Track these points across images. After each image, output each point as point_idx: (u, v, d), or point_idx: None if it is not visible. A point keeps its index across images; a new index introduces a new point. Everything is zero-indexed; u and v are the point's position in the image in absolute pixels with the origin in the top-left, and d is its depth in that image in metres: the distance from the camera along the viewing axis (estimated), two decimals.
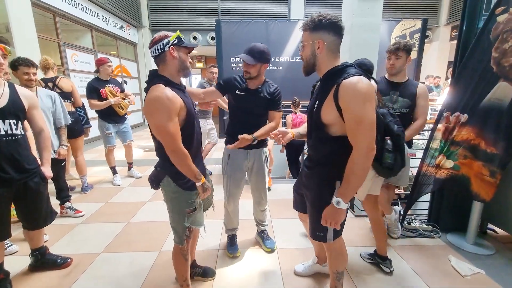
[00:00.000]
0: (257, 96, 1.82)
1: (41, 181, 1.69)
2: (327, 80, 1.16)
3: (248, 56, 1.70)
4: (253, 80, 1.80)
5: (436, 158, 2.12)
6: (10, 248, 2.06)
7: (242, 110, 1.87)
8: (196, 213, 1.43)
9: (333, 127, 1.17)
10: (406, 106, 1.97)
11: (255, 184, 2.02)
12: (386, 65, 2.01)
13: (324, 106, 1.14)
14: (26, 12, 3.98)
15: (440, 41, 8.62)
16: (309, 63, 1.20)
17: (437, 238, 2.28)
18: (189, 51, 1.33)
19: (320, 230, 1.31)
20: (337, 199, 1.14)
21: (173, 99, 1.20)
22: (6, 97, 1.52)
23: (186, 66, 1.31)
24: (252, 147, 1.88)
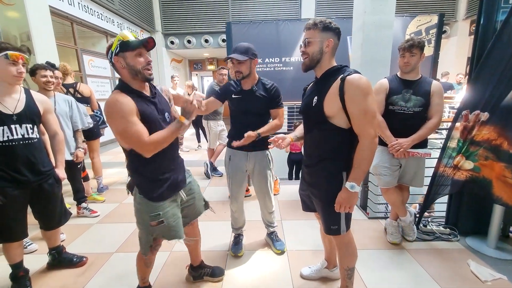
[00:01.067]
0: (253, 95, 1.82)
1: (55, 183, 1.75)
2: (327, 77, 1.27)
3: (236, 54, 1.72)
4: (246, 79, 1.80)
5: (454, 158, 2.03)
6: (30, 247, 2.15)
7: (241, 112, 1.88)
8: (166, 226, 1.35)
9: (334, 119, 1.24)
10: (420, 104, 1.90)
11: (258, 187, 2.01)
12: (400, 63, 1.95)
13: (327, 99, 1.23)
14: (45, 21, 4.15)
15: (458, 36, 8.27)
16: (314, 59, 1.27)
17: (456, 241, 2.18)
18: (139, 50, 1.20)
19: (334, 223, 1.34)
20: (351, 183, 1.21)
21: (124, 101, 1.16)
22: (23, 102, 1.60)
23: (138, 70, 1.20)
24: (253, 149, 1.87)
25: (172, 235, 1.38)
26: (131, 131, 1.16)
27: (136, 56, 1.20)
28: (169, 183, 1.36)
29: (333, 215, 1.32)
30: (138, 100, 1.22)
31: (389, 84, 1.98)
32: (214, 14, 8.25)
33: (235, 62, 1.74)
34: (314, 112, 1.30)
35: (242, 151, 1.88)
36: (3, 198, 1.51)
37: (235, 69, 1.76)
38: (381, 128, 1.98)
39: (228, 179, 2.00)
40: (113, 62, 1.21)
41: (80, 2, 5.20)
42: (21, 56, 1.51)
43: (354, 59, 3.99)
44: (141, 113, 1.20)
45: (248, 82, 1.83)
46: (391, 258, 1.99)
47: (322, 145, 1.31)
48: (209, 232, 2.40)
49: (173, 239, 1.39)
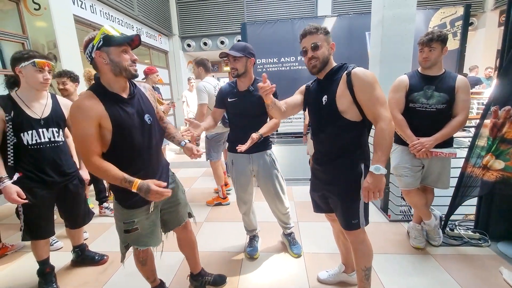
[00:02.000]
0: (250, 96, 1.79)
1: (80, 184, 1.83)
2: (331, 77, 1.34)
3: (232, 50, 1.71)
4: (243, 79, 1.78)
5: (483, 158, 1.89)
6: (56, 244, 2.26)
7: (239, 115, 1.85)
8: (140, 233, 1.30)
9: (346, 114, 1.29)
10: (443, 101, 1.79)
11: (264, 189, 1.96)
12: (419, 58, 1.86)
13: (338, 95, 1.28)
14: (70, 29, 4.37)
15: (486, 27, 7.76)
16: (325, 61, 1.33)
17: (486, 247, 2.03)
18: (124, 47, 1.13)
19: (354, 217, 1.34)
20: (376, 166, 1.20)
21: (86, 108, 1.09)
22: (49, 107, 1.68)
23: (123, 67, 1.13)
24: (254, 151, 1.84)
25: (144, 242, 1.34)
26: (83, 144, 1.12)
27: (122, 52, 1.13)
28: None
29: (353, 209, 1.33)
30: (112, 104, 1.14)
31: (409, 81, 1.88)
32: (229, 16, 8.32)
33: (231, 59, 1.73)
34: (326, 110, 1.34)
35: (244, 153, 1.84)
36: (32, 198, 1.59)
37: (230, 66, 1.75)
38: (401, 127, 1.88)
39: (233, 183, 1.99)
40: (93, 57, 1.11)
41: (101, 9, 5.42)
42: (47, 64, 1.58)
43: (373, 56, 3.85)
44: (112, 119, 1.13)
45: (244, 82, 1.80)
46: (415, 264, 1.89)
47: (338, 141, 1.34)
48: (223, 233, 2.41)
49: (146, 246, 1.35)
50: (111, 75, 1.14)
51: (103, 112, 1.12)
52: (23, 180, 1.57)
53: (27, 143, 1.57)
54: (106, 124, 1.13)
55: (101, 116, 1.12)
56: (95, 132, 1.11)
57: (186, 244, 1.63)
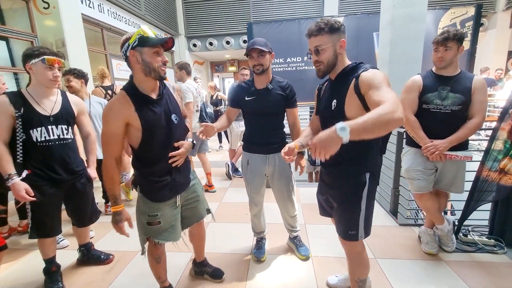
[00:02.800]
0: (268, 94, 1.74)
1: (87, 182, 1.81)
2: (343, 78, 1.20)
3: (257, 45, 1.64)
4: (262, 76, 1.72)
5: (500, 161, 1.82)
6: (62, 242, 2.25)
7: (256, 113, 1.79)
8: (161, 227, 1.36)
9: None
10: (458, 102, 1.73)
11: (278, 191, 1.92)
12: (434, 58, 1.79)
13: (347, 102, 1.16)
14: (78, 28, 4.39)
15: (497, 28, 7.62)
16: (330, 64, 1.21)
17: (502, 254, 1.96)
18: (157, 48, 1.17)
19: (352, 228, 1.26)
20: (343, 125, 0.91)
21: (115, 109, 1.18)
22: (59, 104, 1.67)
23: (153, 68, 1.18)
24: (271, 152, 1.81)
25: (165, 237, 1.39)
26: (106, 142, 1.22)
27: (154, 54, 1.18)
28: (169, 186, 1.35)
29: (352, 219, 1.25)
30: (142, 105, 1.21)
31: (423, 81, 1.82)
32: (235, 16, 8.31)
33: (255, 56, 1.66)
34: (334, 116, 1.20)
35: (260, 154, 1.82)
36: (40, 196, 1.57)
37: (255, 62, 1.67)
38: (413, 128, 1.83)
39: (246, 184, 1.94)
40: (128, 56, 1.17)
41: (109, 9, 5.45)
42: (57, 61, 1.57)
43: (382, 56, 3.79)
44: (142, 120, 1.20)
45: (263, 79, 1.75)
46: (428, 270, 1.83)
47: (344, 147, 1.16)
48: (230, 234, 2.37)
49: (166, 241, 1.40)
50: (142, 74, 1.20)
51: (133, 113, 1.20)
52: (32, 177, 1.55)
53: (36, 140, 1.56)
54: (135, 124, 1.20)
55: (130, 117, 1.19)
56: (119, 133, 1.20)
57: (197, 237, 1.72)
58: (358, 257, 1.34)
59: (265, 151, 1.80)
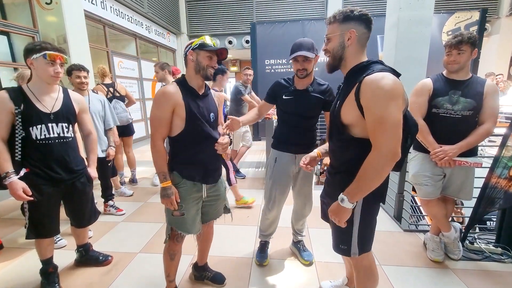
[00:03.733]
0: (307, 96, 1.69)
1: (87, 182, 1.76)
2: (350, 78, 1.09)
3: (304, 51, 1.56)
4: (304, 79, 1.67)
5: (510, 169, 1.79)
6: (60, 242, 2.20)
7: (291, 113, 1.74)
8: (185, 218, 1.43)
9: (354, 128, 1.07)
10: (470, 107, 1.69)
11: (300, 191, 1.88)
12: (445, 62, 1.75)
13: (344, 105, 1.07)
14: (80, 24, 4.35)
15: (501, 34, 7.60)
16: (336, 56, 1.11)
17: (509, 263, 1.93)
18: (211, 54, 1.35)
19: (343, 242, 1.20)
20: (342, 196, 1.05)
21: (168, 94, 1.31)
22: (60, 101, 1.62)
23: (202, 67, 1.35)
24: (300, 151, 1.76)
25: (187, 229, 1.45)
26: (154, 124, 1.36)
27: (207, 57, 1.35)
28: (199, 173, 1.44)
29: (344, 233, 1.17)
30: (189, 96, 1.36)
31: (434, 85, 1.79)
32: (238, 16, 8.27)
33: (300, 60, 1.60)
34: (332, 119, 1.15)
35: (289, 153, 1.78)
36: (38, 195, 1.53)
37: (300, 67, 1.62)
38: (422, 133, 1.79)
39: (271, 183, 1.83)
40: (187, 54, 1.37)
41: (112, 6, 5.40)
42: (59, 56, 1.52)
43: (387, 59, 3.75)
44: (187, 108, 1.33)
45: (305, 81, 1.69)
46: (433, 278, 1.79)
47: (340, 155, 1.16)
48: (232, 237, 2.33)
49: (186, 232, 1.46)
50: (192, 71, 1.37)
51: (181, 101, 1.33)
52: (30, 176, 1.50)
53: (36, 138, 1.51)
54: (180, 112, 1.33)
55: (177, 104, 1.32)
56: (168, 117, 1.33)
57: (205, 237, 1.71)
58: (364, 270, 1.26)
59: (295, 150, 1.76)
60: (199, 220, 1.52)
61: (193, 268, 1.83)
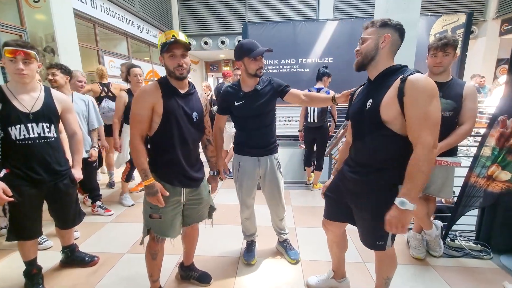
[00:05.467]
0: (259, 95, 1.71)
1: (71, 183, 1.74)
2: (384, 78, 1.17)
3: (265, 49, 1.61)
4: (251, 79, 1.70)
5: (488, 168, 1.85)
6: (45, 243, 2.18)
7: (247, 117, 1.75)
8: (162, 221, 1.42)
9: (393, 125, 1.13)
10: (450, 108, 1.74)
11: (269, 193, 1.91)
12: (431, 63, 1.78)
13: (384, 103, 1.12)
14: (69, 23, 4.29)
15: (487, 36, 7.81)
16: (368, 56, 1.19)
17: (488, 259, 1.99)
18: (172, 51, 1.31)
19: (381, 239, 1.26)
20: (401, 199, 1.06)
21: (147, 91, 1.33)
22: (41, 101, 1.59)
23: (170, 71, 1.35)
24: (263, 154, 1.80)
25: (164, 232, 1.45)
26: (133, 121, 1.34)
27: (170, 58, 1.33)
28: (178, 177, 1.43)
29: (381, 231, 1.18)
30: (168, 94, 1.35)
31: None
32: (230, 16, 8.29)
33: (258, 59, 1.64)
34: (368, 117, 1.18)
35: (252, 156, 1.80)
36: (18, 197, 1.50)
37: (261, 65, 1.65)
38: None
39: (238, 186, 1.90)
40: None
41: (102, 4, 5.35)
42: (18, 52, 1.42)
43: None
44: (164, 105, 1.33)
45: (253, 82, 1.71)
46: (415, 275, 1.84)
47: (377, 153, 1.19)
48: (220, 237, 2.34)
49: (163, 236, 1.45)
50: (167, 75, 1.39)
51: (160, 98, 1.33)
52: (10, 177, 1.49)
53: (15, 138, 1.48)
54: (158, 109, 1.33)
55: (156, 101, 1.32)
56: (147, 114, 1.33)
57: (190, 239, 1.72)
58: (389, 260, 1.37)
59: (257, 153, 1.79)
60: (179, 224, 1.51)
61: (179, 268, 1.83)
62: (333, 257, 1.67)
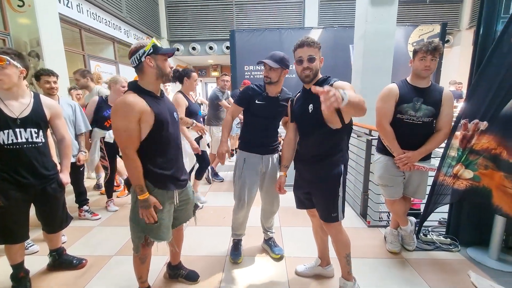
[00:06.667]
0: (277, 103, 1.89)
1: (58, 187, 1.76)
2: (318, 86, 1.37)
3: (270, 60, 1.76)
4: (273, 86, 1.84)
5: (453, 167, 2.02)
6: (32, 248, 2.17)
7: (262, 117, 1.91)
8: (159, 226, 1.43)
9: (330, 122, 1.44)
10: (429, 114, 1.81)
11: (268, 190, 2.01)
12: (419, 67, 1.79)
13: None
14: (55, 27, 4.27)
15: (461, 45, 8.30)
16: (316, 73, 1.49)
17: (456, 252, 2.16)
18: (167, 56, 1.39)
19: (334, 210, 1.53)
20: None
21: (132, 104, 1.26)
22: (30, 107, 1.62)
23: (165, 73, 1.38)
24: (266, 152, 1.95)
25: (161, 237, 1.46)
26: (123, 136, 1.29)
27: (165, 60, 1.38)
28: (171, 179, 1.47)
29: (334, 204, 1.53)
30: (151, 100, 1.34)
31: (399, 91, 1.86)
32: (218, 22, 8.40)
33: (267, 68, 1.79)
34: (313, 119, 1.48)
35: (257, 154, 1.93)
36: (4, 200, 1.52)
37: (265, 74, 1.82)
38: (389, 138, 1.91)
39: (241, 183, 1.94)
40: (142, 61, 1.32)
41: (89, 9, 5.34)
42: None
43: (356, 68, 4.03)
44: (155, 113, 1.32)
45: (274, 89, 1.86)
46: (390, 268, 1.98)
47: (323, 145, 1.53)
48: (207, 238, 2.41)
49: (160, 240, 1.45)
50: (153, 78, 1.37)
51: (146, 107, 1.30)
52: None
53: (3, 143, 1.51)
54: (147, 118, 1.30)
55: (143, 111, 1.29)
56: (136, 127, 1.29)
57: (177, 240, 1.74)
58: (341, 235, 1.59)
59: (262, 151, 1.93)
60: (171, 225, 1.55)
61: (167, 267, 1.88)
62: (318, 244, 1.85)
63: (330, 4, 7.96)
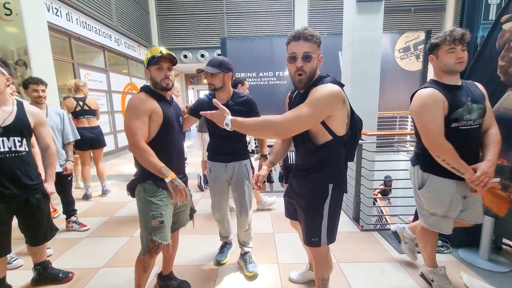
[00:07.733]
0: (230, 109, 1.78)
1: (42, 198, 1.71)
2: (310, 89, 1.19)
3: (208, 67, 1.73)
4: (220, 93, 1.79)
5: None
6: (15, 262, 2.08)
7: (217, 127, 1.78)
8: (164, 226, 1.44)
9: (318, 135, 1.22)
10: (482, 114, 1.44)
11: (235, 197, 1.97)
12: (450, 61, 1.41)
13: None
14: (43, 36, 4.23)
15: None
16: (311, 76, 1.21)
17: (448, 253, 2.17)
18: (159, 64, 1.41)
19: (315, 235, 1.32)
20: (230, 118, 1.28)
21: (144, 100, 1.38)
22: (13, 115, 1.58)
23: (157, 82, 1.43)
24: (230, 160, 1.89)
25: (166, 237, 1.45)
26: (132, 126, 1.34)
27: (157, 70, 1.42)
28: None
29: (315, 227, 1.30)
30: (161, 101, 1.43)
31: (444, 95, 1.43)
32: (210, 30, 8.48)
33: (208, 75, 1.74)
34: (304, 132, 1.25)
35: (220, 162, 1.90)
36: None
37: (208, 82, 1.77)
38: (451, 156, 1.41)
39: (211, 192, 1.99)
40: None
41: (78, 18, 5.32)
42: None
43: (345, 74, 4.10)
44: (164, 112, 1.41)
45: (223, 95, 1.79)
46: (384, 271, 1.98)
47: (308, 158, 1.31)
48: (199, 246, 2.37)
49: (166, 241, 1.45)
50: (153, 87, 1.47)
51: (157, 106, 1.40)
52: None
53: None
54: (156, 117, 1.40)
55: (154, 109, 1.39)
56: (146, 121, 1.37)
57: (172, 245, 1.68)
58: (322, 259, 1.41)
59: (225, 160, 1.89)
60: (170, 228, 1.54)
61: (158, 278, 1.84)
62: (307, 251, 1.80)
63: (319, 12, 8.14)
